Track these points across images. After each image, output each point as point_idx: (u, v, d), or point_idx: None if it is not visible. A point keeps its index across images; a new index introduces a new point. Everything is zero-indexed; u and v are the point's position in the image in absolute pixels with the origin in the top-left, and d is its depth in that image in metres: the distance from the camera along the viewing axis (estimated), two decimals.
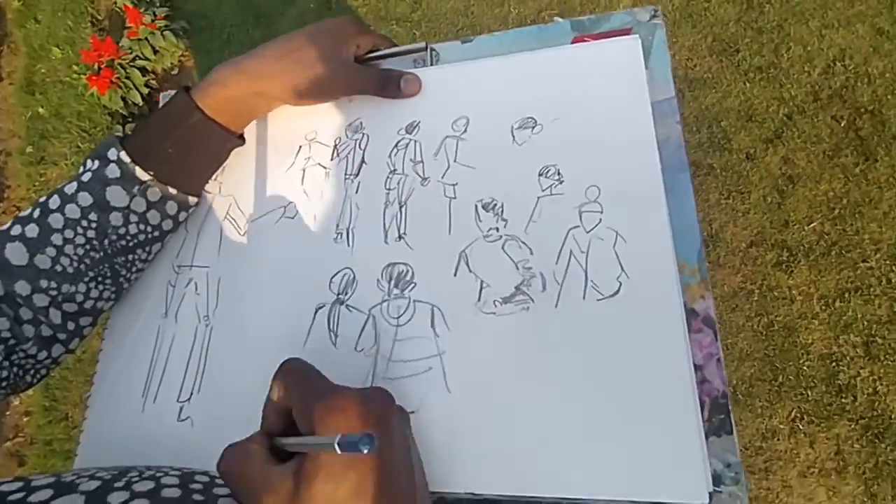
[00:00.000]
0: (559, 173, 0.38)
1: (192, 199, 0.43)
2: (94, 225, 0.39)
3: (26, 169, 1.93)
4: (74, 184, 0.40)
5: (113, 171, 0.39)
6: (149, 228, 0.41)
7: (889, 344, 1.33)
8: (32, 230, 0.38)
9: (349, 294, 0.39)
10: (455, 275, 0.37)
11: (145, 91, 1.81)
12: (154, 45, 1.81)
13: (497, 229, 0.38)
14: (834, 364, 1.33)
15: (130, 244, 0.41)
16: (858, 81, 1.50)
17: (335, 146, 0.44)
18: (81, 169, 0.40)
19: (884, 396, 1.30)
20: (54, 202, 0.39)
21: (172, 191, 0.41)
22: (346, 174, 0.42)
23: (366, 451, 0.21)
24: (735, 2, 1.65)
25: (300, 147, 0.44)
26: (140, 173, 0.39)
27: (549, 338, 0.34)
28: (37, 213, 0.39)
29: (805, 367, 1.35)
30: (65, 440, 1.68)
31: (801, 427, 1.32)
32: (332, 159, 0.43)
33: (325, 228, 0.41)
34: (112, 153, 0.39)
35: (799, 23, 1.58)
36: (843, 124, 1.49)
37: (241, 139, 0.44)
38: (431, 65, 0.44)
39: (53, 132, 1.96)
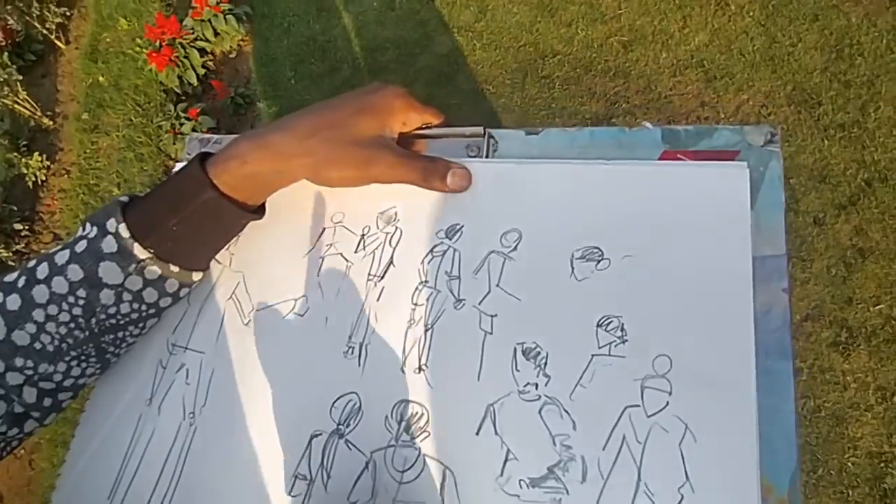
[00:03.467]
0: (623, 329, 0.31)
1: (197, 275, 0.38)
2: (81, 302, 0.35)
3: (80, 135, 1.97)
4: (67, 252, 0.35)
5: (109, 244, 0.34)
6: (143, 307, 0.36)
7: None
8: (14, 302, 0.34)
9: (351, 427, 0.33)
10: (477, 433, 0.31)
11: (202, 72, 1.80)
12: (216, 28, 1.79)
13: (536, 385, 0.31)
14: (882, 465, 1.21)
15: (121, 322, 0.36)
16: None
17: (362, 236, 0.38)
18: (79, 232, 0.36)
19: None
20: (42, 271, 0.35)
21: (174, 268, 0.36)
22: (369, 274, 0.36)
23: None
24: (823, 50, 1.49)
25: (324, 230, 0.39)
26: (138, 250, 0.34)
27: None
28: (21, 281, 0.35)
29: (849, 464, 1.23)
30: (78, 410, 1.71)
31: None
32: (356, 251, 0.37)
33: (337, 338, 0.35)
34: (111, 224, 0.34)
35: (892, 81, 1.42)
36: None
37: (259, 212, 0.38)
38: (487, 156, 0.38)
39: (110, 102, 1.98)
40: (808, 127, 1.46)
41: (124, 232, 0.34)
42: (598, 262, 0.32)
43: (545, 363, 0.31)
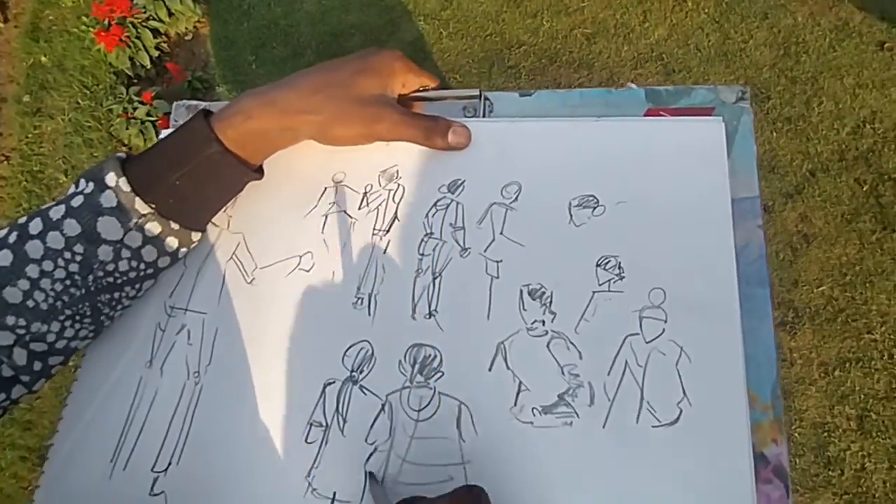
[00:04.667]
0: (620, 267, 0.33)
1: (196, 235, 0.38)
2: (78, 258, 0.34)
3: (20, 119, 1.85)
4: (62, 207, 0.34)
5: (108, 198, 0.34)
6: (142, 266, 0.36)
7: (882, 420, 1.31)
8: (5, 258, 0.33)
9: (365, 373, 0.34)
10: (490, 369, 0.32)
11: (155, 54, 1.73)
12: (170, 7, 1.73)
13: (543, 322, 0.33)
14: (826, 434, 1.31)
15: (118, 281, 0.35)
16: (886, 147, 1.48)
17: (365, 194, 0.39)
18: (73, 189, 0.35)
19: (871, 474, 1.28)
20: (35, 226, 0.34)
21: (174, 226, 0.36)
22: (374, 229, 0.37)
23: None
24: (772, 47, 1.61)
25: (325, 189, 0.39)
26: (140, 205, 0.34)
27: (592, 463, 0.30)
28: (13, 237, 0.33)
29: (796, 434, 1.32)
30: (26, 409, 1.59)
31: None
32: (359, 208, 0.38)
33: (345, 290, 0.36)
34: (111, 178, 0.34)
35: (834, 78, 1.55)
36: (865, 188, 1.46)
37: (259, 172, 0.38)
38: (483, 116, 0.39)
39: (53, 84, 1.87)
40: (759, 120, 1.56)
41: (125, 186, 0.34)
42: (594, 208, 0.35)
43: (550, 301, 0.33)
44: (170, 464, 0.34)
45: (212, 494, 0.33)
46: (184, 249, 0.38)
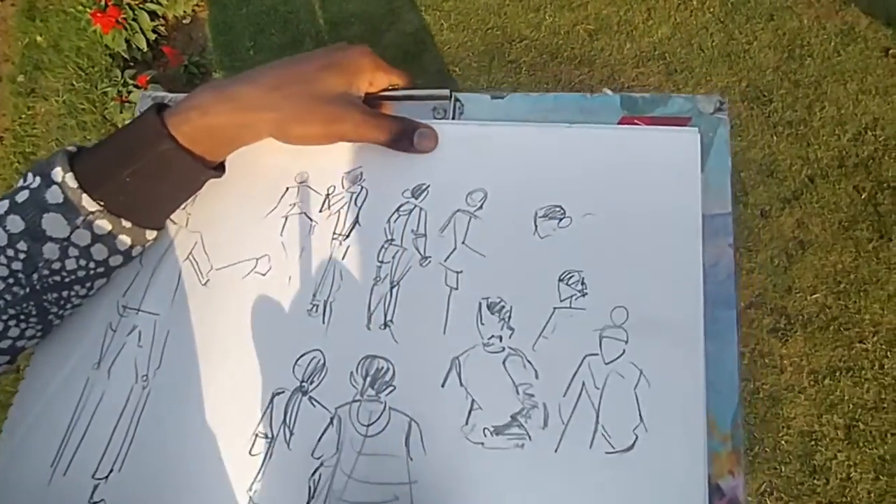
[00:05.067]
0: (583, 283, 0.32)
1: (151, 234, 0.36)
2: (21, 256, 0.32)
3: (14, 99, 1.83)
4: (6, 203, 0.33)
5: (54, 195, 0.32)
6: (91, 264, 0.34)
7: (870, 431, 1.30)
8: None
9: (315, 384, 0.33)
10: (443, 385, 0.31)
11: (152, 37, 1.71)
12: None
13: (500, 338, 0.32)
14: (813, 443, 1.30)
15: (66, 280, 0.34)
16: (886, 154, 1.45)
17: (327, 196, 0.37)
18: (20, 182, 0.34)
19: (856, 483, 1.28)
20: None
21: (126, 224, 0.34)
22: (334, 233, 0.36)
23: None
24: (777, 49, 1.58)
25: (287, 189, 0.38)
26: (87, 202, 0.33)
27: (542, 489, 0.28)
28: None
29: (783, 442, 1.32)
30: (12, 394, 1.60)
31: (769, 502, 1.29)
32: (320, 210, 0.37)
33: (300, 296, 0.35)
34: (57, 173, 0.32)
35: (837, 83, 1.53)
36: (863, 196, 1.44)
37: (219, 170, 0.37)
38: (453, 118, 0.38)
39: (49, 64, 1.85)
40: (760, 123, 1.54)
41: (72, 181, 0.32)
42: (560, 219, 0.33)
43: (509, 316, 0.32)
44: (111, 471, 0.33)
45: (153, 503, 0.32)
46: (138, 248, 0.36)
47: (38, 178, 0.33)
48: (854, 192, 1.46)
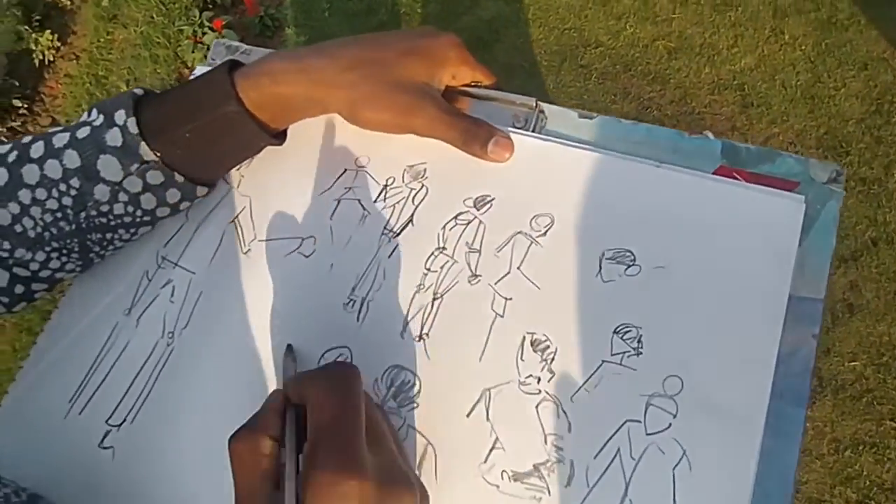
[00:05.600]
0: (640, 341, 0.29)
1: (201, 190, 0.35)
2: (73, 192, 0.32)
3: (96, 22, 1.86)
4: (66, 136, 0.32)
5: (114, 137, 0.31)
6: (139, 212, 0.34)
7: None
8: (1, 176, 0.31)
9: None
10: (468, 416, 0.30)
11: None
12: None
13: (539, 380, 0.30)
14: None
15: (112, 223, 0.34)
16: None
17: (385, 186, 0.35)
18: (84, 117, 0.33)
19: None
20: (36, 150, 0.32)
21: (179, 178, 0.33)
22: (385, 228, 0.34)
23: None
24: (864, 100, 1.46)
25: (344, 171, 0.36)
26: (144, 151, 0.31)
27: None
28: (12, 156, 0.32)
29: None
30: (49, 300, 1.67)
31: None
32: (375, 200, 0.35)
33: (339, 288, 0.33)
34: (119, 116, 0.31)
35: None
36: None
37: (280, 137, 0.35)
38: (534, 130, 0.35)
39: None
40: None
41: (133, 127, 0.31)
42: (629, 266, 0.31)
43: (552, 358, 0.30)
44: (125, 420, 0.33)
45: (158, 460, 0.32)
46: (186, 203, 0.35)
47: (101, 117, 0.32)
48: None
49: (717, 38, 1.55)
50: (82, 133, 0.32)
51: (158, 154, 0.32)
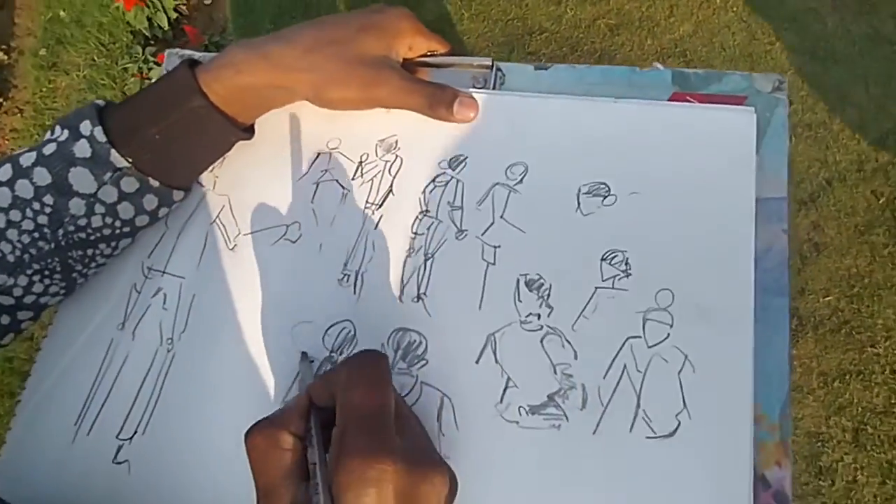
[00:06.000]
0: (627, 263, 0.31)
1: (178, 194, 0.35)
2: (47, 210, 0.31)
3: (36, 72, 1.82)
4: (33, 154, 0.32)
5: (83, 148, 0.31)
6: (117, 223, 0.33)
7: (878, 435, 1.29)
8: None
9: (345, 355, 0.32)
10: (477, 362, 0.30)
11: (173, 16, 1.70)
12: None
13: (539, 316, 0.31)
14: (819, 444, 1.29)
15: (92, 238, 0.33)
16: None
17: (360, 163, 0.36)
18: (48, 135, 0.33)
19: (862, 486, 1.27)
20: (4, 173, 0.31)
21: (154, 183, 0.33)
22: (367, 201, 0.35)
23: None
24: (799, 51, 1.55)
25: (318, 155, 0.37)
26: (115, 158, 0.31)
27: (578, 470, 0.28)
28: None
29: (790, 441, 1.31)
30: (26, 360, 1.61)
31: None
32: (353, 178, 0.36)
33: (331, 265, 0.34)
34: (85, 126, 0.31)
35: (860, 87, 1.49)
36: (881, 201, 1.42)
37: (248, 132, 0.36)
38: (494, 88, 0.36)
39: (71, 39, 1.84)
40: None
41: (100, 136, 0.31)
42: (605, 197, 0.32)
43: (548, 294, 0.31)
44: (135, 432, 0.32)
45: (176, 467, 0.31)
46: (164, 209, 0.35)
47: (65, 132, 0.32)
48: (872, 196, 1.44)
49: (654, 11, 1.62)
50: (49, 150, 0.32)
51: (130, 160, 0.32)
